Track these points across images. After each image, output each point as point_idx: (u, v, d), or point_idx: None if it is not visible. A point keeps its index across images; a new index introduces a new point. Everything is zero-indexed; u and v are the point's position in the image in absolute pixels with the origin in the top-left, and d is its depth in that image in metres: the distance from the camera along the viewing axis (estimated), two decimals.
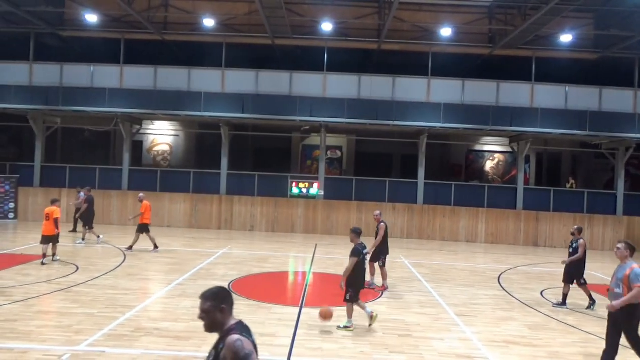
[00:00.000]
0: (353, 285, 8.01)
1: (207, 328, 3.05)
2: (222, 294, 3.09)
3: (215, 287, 3.16)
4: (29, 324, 7.51)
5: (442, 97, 20.41)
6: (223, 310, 3.02)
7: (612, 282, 6.55)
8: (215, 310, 3.01)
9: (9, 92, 20.27)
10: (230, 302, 3.10)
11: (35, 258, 12.69)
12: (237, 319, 3.10)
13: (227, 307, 3.04)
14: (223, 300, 3.04)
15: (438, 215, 20.86)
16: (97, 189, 20.78)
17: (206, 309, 3.01)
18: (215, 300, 3.02)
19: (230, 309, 3.07)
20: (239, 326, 3.03)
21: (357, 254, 7.98)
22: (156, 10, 20.27)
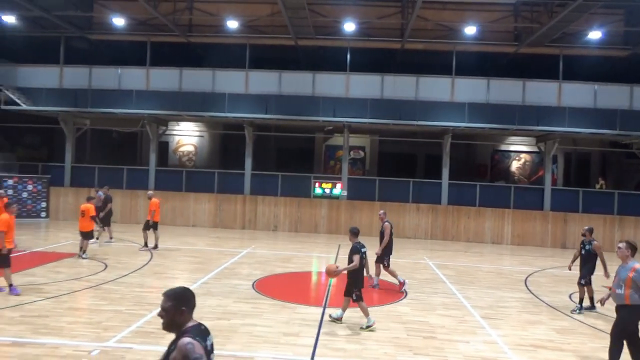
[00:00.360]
0: (356, 284, 8.12)
1: (164, 326, 3.08)
2: (185, 295, 3.09)
3: (180, 288, 3.17)
4: (60, 320, 7.73)
5: (466, 96, 20.16)
6: (182, 312, 3.03)
7: (614, 283, 6.52)
8: (175, 311, 3.02)
9: (40, 95, 20.91)
10: (191, 304, 3.11)
11: (66, 256, 13.06)
12: (197, 321, 3.12)
13: (187, 308, 3.05)
14: (184, 302, 3.05)
15: (463, 216, 20.60)
16: (124, 189, 21.29)
17: (166, 308, 3.03)
18: (176, 301, 3.04)
19: (190, 311, 3.08)
20: (194, 329, 3.03)
21: (357, 251, 8.09)
22: (181, 13, 20.58)
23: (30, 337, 6.95)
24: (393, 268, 11.25)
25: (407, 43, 20.62)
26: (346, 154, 21.49)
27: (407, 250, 17.30)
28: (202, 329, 3.08)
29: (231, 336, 7.34)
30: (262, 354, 6.72)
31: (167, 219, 21.22)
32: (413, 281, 12.04)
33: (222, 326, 7.79)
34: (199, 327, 3.07)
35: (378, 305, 9.67)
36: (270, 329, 7.79)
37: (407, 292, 10.88)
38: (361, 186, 21.46)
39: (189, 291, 3.14)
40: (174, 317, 3.01)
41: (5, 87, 20.47)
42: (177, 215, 21.28)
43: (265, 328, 7.80)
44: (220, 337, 7.26)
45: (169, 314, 3.01)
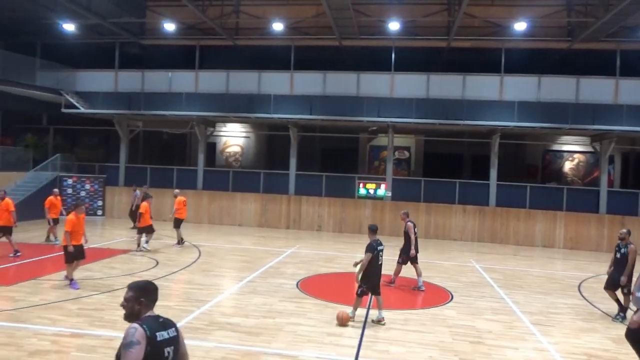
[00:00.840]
0: (367, 281, 8.18)
1: (125, 316, 3.21)
2: (146, 288, 3.24)
3: (143, 281, 3.34)
4: (115, 314, 8.09)
5: (516, 94, 19.54)
6: (141, 303, 3.16)
7: (636, 286, 6.08)
8: (134, 302, 3.16)
9: (97, 98, 21.99)
10: (152, 297, 3.23)
11: (120, 252, 13.67)
12: (155, 314, 3.23)
13: (145, 300, 3.17)
14: (144, 294, 3.18)
15: (512, 218, 19.99)
16: (174, 189, 21.95)
17: (127, 298, 3.18)
18: (137, 292, 3.17)
19: (149, 303, 3.20)
20: (148, 319, 3.14)
21: (372, 250, 8.12)
22: (228, 17, 21.05)
23: (87, 329, 7.33)
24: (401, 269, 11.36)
25: (454, 41, 20.20)
26: (391, 154, 21.32)
27: (452, 253, 16.98)
28: (160, 321, 3.19)
29: (276, 335, 7.46)
30: (306, 353, 6.79)
31: (215, 218, 21.82)
32: (459, 284, 11.82)
33: (268, 324, 7.92)
34: (155, 318, 3.18)
35: (423, 308, 9.55)
36: (314, 328, 7.86)
37: (453, 295, 10.68)
38: (406, 187, 21.23)
39: (151, 285, 3.30)
40: (133, 308, 3.16)
41: (66, 91, 21.67)
42: (224, 214, 21.79)
43: (309, 327, 7.87)
44: (265, 335, 7.41)
45: (128, 305, 3.17)
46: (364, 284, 8.23)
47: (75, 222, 9.70)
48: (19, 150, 22.03)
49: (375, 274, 8.28)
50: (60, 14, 20.13)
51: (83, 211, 10.00)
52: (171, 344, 3.17)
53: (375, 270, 8.28)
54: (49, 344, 6.64)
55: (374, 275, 8.27)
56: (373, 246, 8.20)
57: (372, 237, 8.40)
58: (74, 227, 9.66)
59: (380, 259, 8.33)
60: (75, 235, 9.72)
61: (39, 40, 22.52)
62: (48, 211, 14.42)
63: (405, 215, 11.70)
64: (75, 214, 9.77)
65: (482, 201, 20.32)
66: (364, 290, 8.24)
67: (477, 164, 23.75)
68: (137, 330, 2.99)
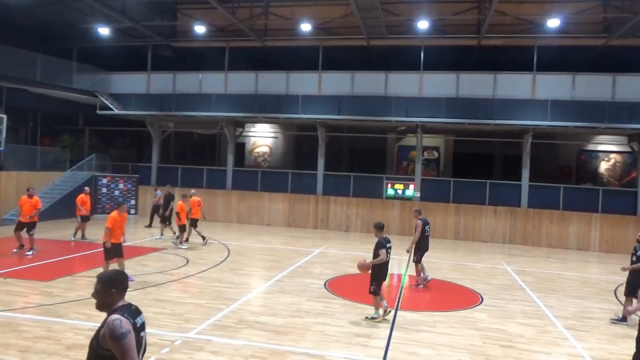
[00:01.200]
0: (376, 278, 8.30)
1: (96, 306, 3.25)
2: (115, 278, 3.28)
3: (112, 271, 3.40)
4: (147, 310, 8.21)
5: (549, 93, 19.06)
6: (112, 294, 3.20)
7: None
8: (105, 293, 3.20)
9: (130, 100, 22.58)
10: (122, 287, 3.27)
11: (152, 250, 13.99)
12: (128, 302, 3.28)
13: (116, 291, 3.21)
14: (114, 285, 3.22)
15: (544, 219, 19.51)
16: (204, 188, 22.39)
17: (97, 290, 3.22)
18: (106, 284, 3.21)
19: (119, 292, 3.24)
20: (124, 308, 3.19)
21: (383, 246, 8.24)
22: (257, 18, 21.25)
23: None
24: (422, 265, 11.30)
25: (484, 39, 19.85)
26: (419, 154, 21.12)
27: (483, 255, 16.70)
28: (133, 308, 3.27)
29: (304, 334, 7.50)
30: (333, 353, 6.80)
31: (244, 218, 22.07)
32: (489, 287, 11.62)
33: (295, 324, 7.97)
34: (129, 306, 3.25)
35: (452, 310, 9.43)
36: (341, 328, 7.86)
37: (484, 297, 10.50)
38: (435, 187, 20.99)
39: (121, 274, 3.37)
40: (105, 298, 3.20)
41: (101, 93, 22.33)
42: (253, 214, 22.02)
43: (337, 328, 7.88)
44: (293, 334, 7.45)
45: (99, 296, 3.22)
46: (374, 282, 8.34)
47: (117, 220, 10.02)
48: (57, 150, 22.80)
49: (384, 271, 8.42)
50: (95, 19, 20.75)
51: (125, 210, 10.33)
52: (144, 328, 3.32)
53: (384, 268, 8.43)
54: (84, 338, 6.85)
55: (383, 273, 8.40)
56: (383, 243, 8.31)
57: (380, 235, 8.48)
58: (115, 225, 9.97)
59: (388, 256, 8.45)
60: (115, 233, 10.02)
61: (75, 44, 23.27)
62: (80, 208, 14.97)
63: (417, 213, 11.70)
64: (118, 212, 10.11)
65: (514, 202, 19.90)
66: (375, 288, 8.35)
67: (509, 164, 23.28)
68: (122, 320, 3.06)
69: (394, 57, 22.32)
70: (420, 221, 11.23)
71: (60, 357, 6.16)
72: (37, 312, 7.96)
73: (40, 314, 7.82)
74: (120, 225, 10.11)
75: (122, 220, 10.16)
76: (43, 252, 12.91)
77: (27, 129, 23.38)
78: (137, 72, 23.26)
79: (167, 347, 6.64)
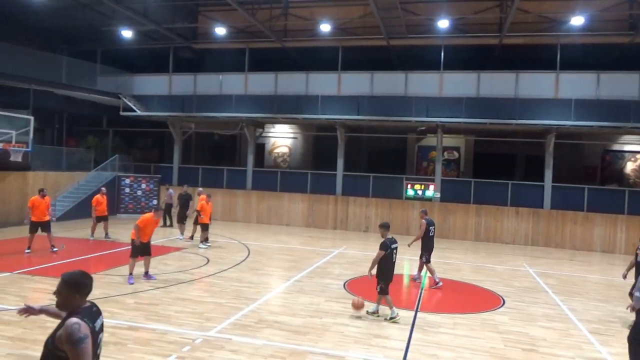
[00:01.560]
0: (383, 277, 8.38)
1: (57, 305, 3.24)
2: (78, 281, 3.23)
3: (76, 273, 3.28)
4: (168, 309, 8.42)
5: (572, 92, 18.70)
6: (74, 297, 3.18)
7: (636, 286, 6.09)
8: (67, 294, 3.17)
9: (152, 101, 22.95)
10: (85, 290, 3.23)
11: (173, 250, 14.19)
12: (90, 303, 3.27)
13: (79, 295, 3.19)
14: (76, 285, 3.19)
15: (568, 221, 19.14)
16: (224, 188, 22.61)
17: (59, 290, 3.19)
18: (69, 286, 3.18)
19: (82, 296, 3.21)
20: (85, 310, 3.17)
21: (385, 248, 8.29)
22: (277, 19, 21.38)
23: (143, 322, 7.66)
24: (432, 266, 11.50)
25: (506, 38, 19.59)
26: (439, 154, 20.94)
27: (504, 256, 16.48)
28: (94, 310, 3.27)
29: (323, 334, 7.52)
30: (352, 354, 6.80)
31: (263, 218, 22.21)
32: (511, 289, 11.46)
33: (314, 324, 7.99)
34: (90, 308, 3.24)
35: (473, 312, 9.33)
36: (360, 329, 7.85)
37: (505, 300, 10.37)
38: (455, 188, 20.78)
39: (85, 278, 3.28)
40: (66, 299, 3.19)
41: (124, 95, 22.75)
42: (272, 214, 22.14)
43: (356, 328, 7.88)
44: (312, 334, 7.47)
45: (61, 296, 3.20)
46: (381, 282, 8.41)
47: (149, 221, 10.35)
48: (82, 151, 23.30)
49: (389, 270, 8.47)
50: (119, 22, 21.17)
51: (160, 216, 10.63)
52: (102, 330, 3.33)
53: (390, 267, 8.46)
54: (107, 335, 6.96)
55: (389, 272, 8.46)
56: (387, 244, 8.36)
57: (385, 235, 8.51)
58: (145, 225, 10.30)
59: (395, 256, 8.50)
60: (145, 233, 10.34)
61: (99, 47, 23.78)
62: (94, 209, 15.32)
63: (423, 213, 11.93)
64: (154, 215, 10.43)
65: (536, 203, 19.58)
66: (383, 287, 8.42)
67: (531, 164, 22.94)
68: (81, 325, 3.04)
69: (414, 57, 22.18)
70: (425, 221, 11.50)
71: None
72: None
73: None
74: (151, 227, 10.45)
75: (154, 224, 10.49)
76: (68, 251, 13.21)
77: (53, 130, 23.97)
78: (159, 74, 23.64)
79: (188, 346, 6.73)
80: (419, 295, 10.61)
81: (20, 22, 21.06)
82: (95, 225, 15.52)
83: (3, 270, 10.67)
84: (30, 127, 16.37)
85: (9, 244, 13.96)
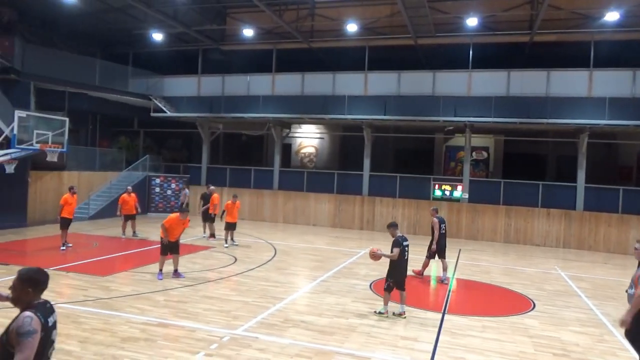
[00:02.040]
0: (393, 275, 8.50)
1: (12, 299, 3.31)
2: (33, 278, 3.30)
3: (32, 270, 3.38)
4: (197, 306, 8.56)
5: (607, 90, 18.14)
6: (28, 292, 3.24)
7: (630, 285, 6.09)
8: (21, 290, 3.24)
9: (181, 102, 23.38)
10: (40, 287, 3.31)
11: (201, 248, 14.42)
12: (44, 300, 3.33)
13: (32, 290, 3.25)
14: (29, 281, 3.27)
15: (602, 223, 18.58)
16: (251, 188, 22.83)
17: (14, 285, 3.27)
18: (24, 282, 3.25)
19: (36, 292, 3.28)
20: (39, 306, 3.24)
21: (398, 245, 8.40)
22: (304, 20, 21.47)
23: (172, 319, 7.82)
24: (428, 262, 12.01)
25: (537, 35, 19.16)
26: (468, 155, 20.63)
27: (535, 259, 16.11)
28: (48, 307, 3.33)
29: (349, 335, 7.51)
30: (379, 355, 6.78)
31: (290, 218, 22.33)
32: (542, 292, 11.20)
33: (340, 324, 8.00)
34: (44, 304, 3.31)
35: (503, 315, 9.16)
36: (387, 330, 7.81)
37: (536, 303, 10.14)
38: (484, 189, 20.44)
39: (41, 274, 3.37)
40: (21, 294, 3.25)
41: (154, 96, 23.24)
42: (299, 214, 22.23)
43: (382, 330, 7.84)
44: (338, 335, 7.48)
45: (16, 291, 3.27)
46: (389, 279, 8.53)
47: (174, 222, 10.55)
48: (114, 151, 23.92)
49: (401, 268, 8.55)
50: (150, 25, 21.63)
51: (186, 217, 10.71)
52: (55, 327, 3.38)
53: (402, 265, 8.53)
54: (138, 331, 7.17)
55: (400, 270, 8.54)
56: (399, 241, 8.45)
57: (396, 234, 8.60)
58: (170, 224, 10.52)
59: (406, 254, 8.56)
60: (172, 232, 10.57)
61: (131, 49, 24.34)
62: (120, 207, 15.78)
63: (434, 211, 12.27)
64: (179, 216, 10.63)
65: (569, 205, 19.07)
66: (391, 285, 8.51)
67: (563, 165, 22.39)
68: (32, 319, 3.10)
69: (442, 56, 21.92)
70: (436, 219, 11.82)
71: (116, 349, 6.46)
72: (95, 305, 8.39)
73: (98, 307, 8.24)
74: (178, 227, 10.62)
75: (180, 223, 10.63)
76: (100, 248, 13.59)
77: (87, 131, 24.67)
78: (188, 76, 24.07)
79: (215, 343, 6.83)
80: (446, 297, 10.49)
81: (57, 27, 21.77)
82: (125, 224, 15.93)
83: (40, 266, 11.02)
84: (66, 128, 16.89)
85: (45, 241, 14.45)
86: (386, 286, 8.61)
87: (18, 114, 15.00)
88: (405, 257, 8.60)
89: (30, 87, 18.55)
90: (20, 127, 15.16)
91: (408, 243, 8.64)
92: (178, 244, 10.79)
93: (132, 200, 15.94)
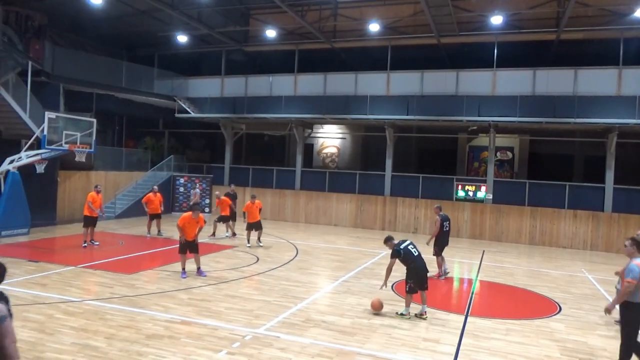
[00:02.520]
0: (411, 276, 8.59)
1: None
2: None
3: None
4: (219, 305, 8.67)
5: (637, 89, 17.64)
6: None
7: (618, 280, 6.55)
8: None
9: (205, 103, 23.68)
10: None
11: (225, 248, 14.58)
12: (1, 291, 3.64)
13: None
14: None
15: (631, 225, 18.05)
16: (273, 188, 22.98)
17: None
18: None
19: None
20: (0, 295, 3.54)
21: (396, 255, 8.56)
22: (326, 20, 21.49)
23: (195, 317, 7.93)
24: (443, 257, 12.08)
25: (564, 33, 18.76)
26: (492, 155, 20.33)
27: (561, 261, 15.79)
28: (4, 296, 3.60)
29: (370, 336, 7.50)
30: (400, 356, 6.75)
31: (311, 218, 22.38)
32: (568, 296, 10.97)
33: (362, 325, 7.99)
34: (2, 294, 3.60)
35: (527, 318, 9.01)
36: (409, 332, 7.77)
37: (562, 307, 9.94)
38: (509, 189, 20.11)
39: None
40: None
41: (179, 97, 23.61)
42: (320, 214, 22.27)
43: (404, 331, 7.81)
44: (359, 335, 7.47)
45: None
46: (410, 280, 8.59)
47: (187, 220, 10.67)
48: (140, 152, 24.38)
49: (417, 269, 8.56)
50: (174, 27, 21.97)
51: (197, 215, 10.80)
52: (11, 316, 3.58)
53: (417, 266, 8.56)
54: (162, 329, 7.30)
55: (417, 271, 8.56)
56: (395, 250, 8.60)
57: (392, 245, 8.73)
58: (183, 224, 10.62)
59: (414, 253, 8.61)
60: (187, 232, 10.69)
61: (156, 51, 24.77)
62: (146, 206, 16.16)
63: (437, 209, 12.38)
64: (191, 214, 10.74)
65: (596, 206, 18.62)
66: (412, 287, 8.56)
67: (590, 165, 21.84)
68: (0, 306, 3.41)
69: (466, 55, 21.66)
70: (439, 217, 11.96)
71: (141, 346, 6.59)
72: (121, 302, 8.58)
73: (124, 304, 8.42)
74: (192, 226, 10.72)
75: (194, 222, 10.72)
76: (126, 247, 13.88)
77: (113, 132, 25.22)
78: (211, 77, 24.37)
79: (238, 342, 6.91)
80: (469, 299, 10.37)
81: (85, 31, 22.30)
82: (150, 223, 16.24)
83: (68, 264, 11.36)
84: (93, 129, 17.29)
85: (74, 239, 14.83)
86: (407, 288, 8.62)
87: (48, 116, 15.42)
88: (414, 256, 8.59)
89: (59, 89, 19.06)
90: (50, 128, 15.57)
91: (409, 242, 8.75)
92: (196, 243, 10.86)
93: (157, 200, 16.22)
